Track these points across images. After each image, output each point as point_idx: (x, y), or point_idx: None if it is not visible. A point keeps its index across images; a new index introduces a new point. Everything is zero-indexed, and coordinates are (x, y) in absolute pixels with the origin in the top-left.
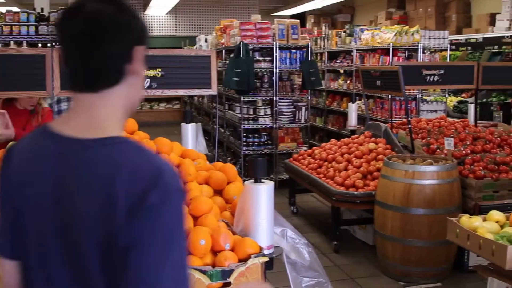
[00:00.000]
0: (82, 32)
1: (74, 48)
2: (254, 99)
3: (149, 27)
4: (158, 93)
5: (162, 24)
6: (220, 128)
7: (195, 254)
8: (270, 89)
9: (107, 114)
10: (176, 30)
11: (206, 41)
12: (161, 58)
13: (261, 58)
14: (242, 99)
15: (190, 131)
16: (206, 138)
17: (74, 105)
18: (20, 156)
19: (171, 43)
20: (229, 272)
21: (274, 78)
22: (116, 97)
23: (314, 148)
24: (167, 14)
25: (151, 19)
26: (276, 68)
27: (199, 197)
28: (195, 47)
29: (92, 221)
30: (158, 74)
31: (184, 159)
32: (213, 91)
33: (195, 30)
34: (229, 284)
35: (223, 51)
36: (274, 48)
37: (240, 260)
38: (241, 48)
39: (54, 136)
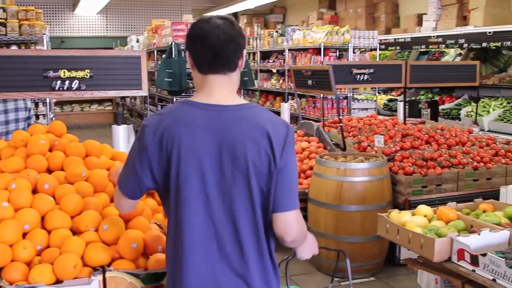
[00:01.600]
0: (219, 38)
1: (210, 48)
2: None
3: (78, 27)
4: (87, 94)
5: (92, 25)
6: None
7: (126, 257)
8: None
9: (232, 89)
10: (107, 30)
11: (137, 41)
12: (89, 59)
13: None
14: (175, 100)
15: (122, 133)
16: None
17: (206, 84)
18: (170, 119)
19: (102, 44)
20: (162, 275)
21: None
22: (234, 79)
23: None
24: (97, 14)
25: (81, 19)
26: None
27: None
28: (126, 47)
29: (255, 156)
30: (87, 75)
31: (115, 161)
32: (143, 92)
33: (126, 30)
34: (161, 286)
35: (155, 51)
36: None
37: None
38: (173, 48)
39: (200, 105)
